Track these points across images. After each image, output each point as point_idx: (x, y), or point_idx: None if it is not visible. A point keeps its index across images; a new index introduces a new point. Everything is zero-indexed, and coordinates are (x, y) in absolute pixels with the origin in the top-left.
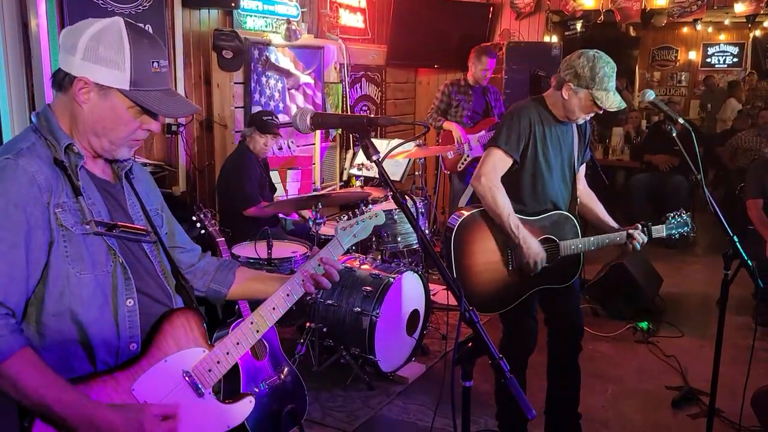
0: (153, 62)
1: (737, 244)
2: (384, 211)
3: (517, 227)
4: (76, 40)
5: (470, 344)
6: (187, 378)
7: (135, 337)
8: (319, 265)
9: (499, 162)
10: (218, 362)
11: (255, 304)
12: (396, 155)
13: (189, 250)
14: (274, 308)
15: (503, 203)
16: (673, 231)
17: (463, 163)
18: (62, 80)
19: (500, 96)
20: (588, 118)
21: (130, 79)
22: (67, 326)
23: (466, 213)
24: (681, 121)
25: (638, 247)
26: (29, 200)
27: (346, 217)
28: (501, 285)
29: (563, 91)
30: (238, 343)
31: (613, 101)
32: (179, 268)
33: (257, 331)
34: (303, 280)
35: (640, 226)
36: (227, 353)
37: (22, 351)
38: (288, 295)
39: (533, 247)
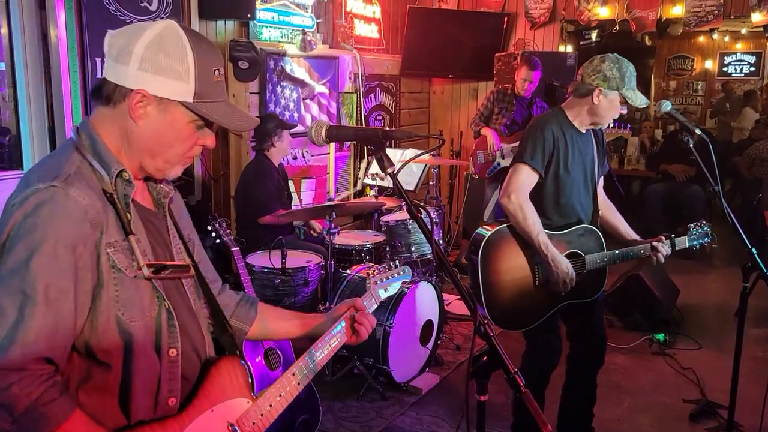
0: (215, 70)
1: (755, 255)
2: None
3: (546, 246)
4: (129, 48)
5: (485, 358)
6: (231, 430)
7: (175, 392)
8: (354, 316)
9: (526, 178)
10: (261, 414)
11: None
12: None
13: (212, 281)
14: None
15: (533, 221)
16: (695, 242)
17: (493, 170)
18: (111, 93)
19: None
20: (611, 121)
21: (194, 90)
22: (110, 376)
23: (492, 228)
24: (698, 131)
25: (662, 259)
26: (80, 239)
27: (377, 271)
28: (527, 301)
29: (593, 97)
30: (280, 395)
31: (641, 99)
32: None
33: (298, 384)
34: (341, 332)
35: (663, 238)
36: (270, 405)
37: (75, 414)
38: (327, 348)
39: (562, 266)
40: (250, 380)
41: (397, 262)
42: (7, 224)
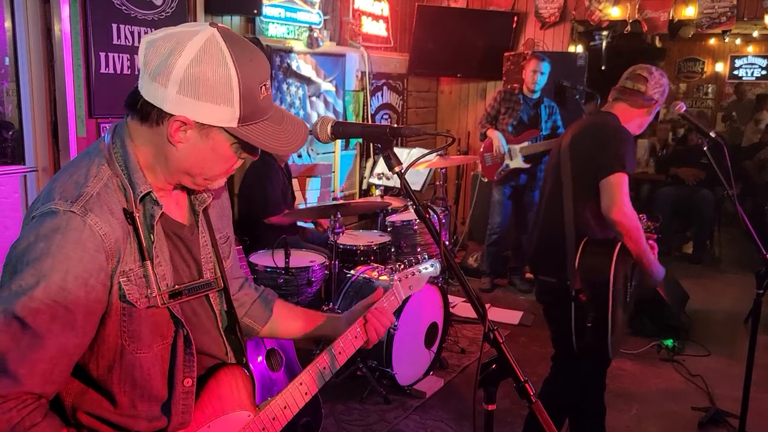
0: (261, 86)
1: None
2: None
3: (650, 254)
4: (168, 67)
5: (494, 366)
6: None
7: (185, 423)
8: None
9: (627, 187)
10: (263, 429)
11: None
12: (417, 165)
13: (236, 278)
14: (324, 368)
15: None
16: None
17: (501, 173)
18: (148, 113)
19: (557, 111)
20: None
21: (239, 115)
22: (109, 402)
23: (611, 266)
24: (712, 134)
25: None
26: (93, 271)
27: (402, 266)
28: (622, 322)
29: (650, 110)
30: (285, 407)
31: None
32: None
33: (306, 393)
34: (356, 336)
35: None
36: (273, 418)
37: None
38: (340, 353)
39: (656, 263)
40: (253, 390)
41: (425, 255)
42: (21, 239)
